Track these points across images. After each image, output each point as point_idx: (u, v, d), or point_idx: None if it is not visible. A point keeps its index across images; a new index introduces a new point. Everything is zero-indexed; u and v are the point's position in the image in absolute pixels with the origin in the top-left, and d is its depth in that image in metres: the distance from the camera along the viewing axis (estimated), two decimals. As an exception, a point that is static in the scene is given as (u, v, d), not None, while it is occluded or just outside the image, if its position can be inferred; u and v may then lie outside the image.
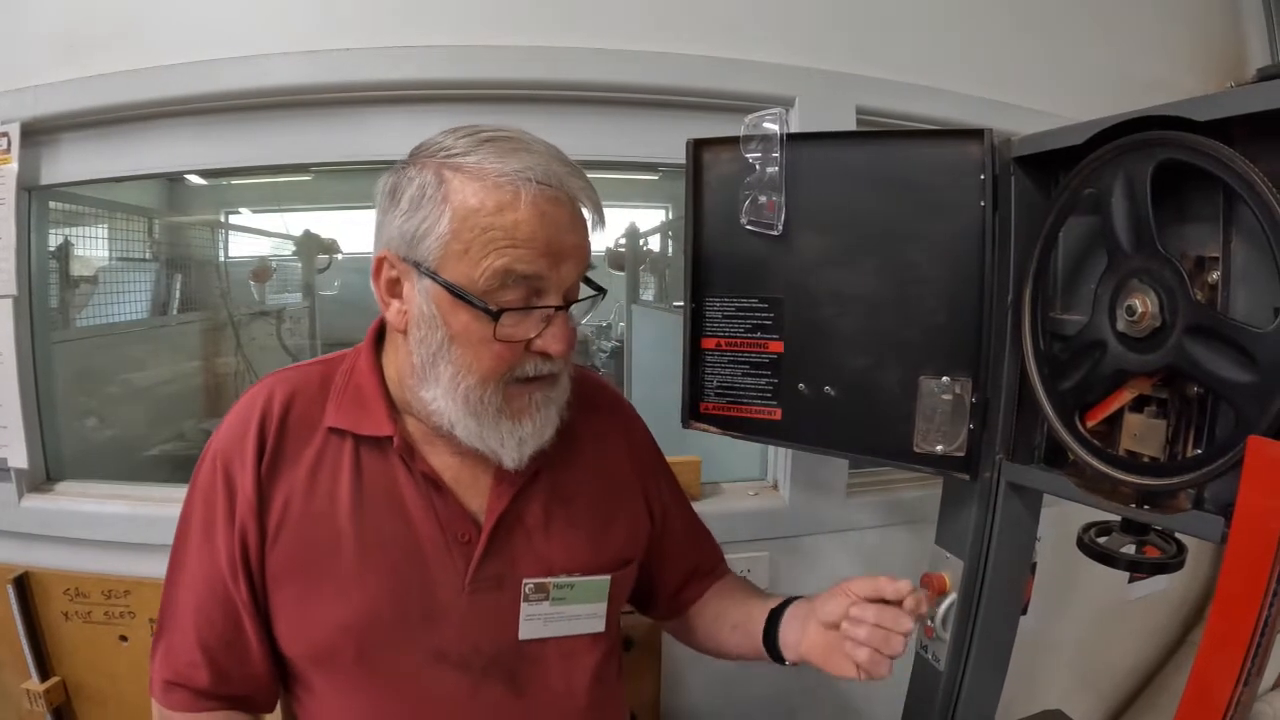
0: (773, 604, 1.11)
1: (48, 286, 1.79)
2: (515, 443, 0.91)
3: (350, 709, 0.94)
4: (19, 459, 1.59)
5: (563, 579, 0.98)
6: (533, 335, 0.87)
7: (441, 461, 0.97)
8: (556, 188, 0.85)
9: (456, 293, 0.85)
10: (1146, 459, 0.94)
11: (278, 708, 1.04)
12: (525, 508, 0.99)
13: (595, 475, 1.07)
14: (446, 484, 0.96)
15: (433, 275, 0.86)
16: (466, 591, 0.94)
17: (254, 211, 3.24)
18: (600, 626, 1.02)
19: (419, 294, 0.88)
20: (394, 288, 0.91)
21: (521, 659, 0.97)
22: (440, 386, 0.89)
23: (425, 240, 0.86)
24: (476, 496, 0.97)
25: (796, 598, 1.10)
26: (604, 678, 1.06)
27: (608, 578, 1.02)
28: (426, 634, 0.93)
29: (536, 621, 0.97)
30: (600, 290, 0.97)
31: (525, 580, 0.96)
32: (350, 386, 0.98)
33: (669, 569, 1.20)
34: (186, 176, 2.51)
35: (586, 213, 0.90)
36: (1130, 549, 1.08)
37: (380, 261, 0.90)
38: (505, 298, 0.85)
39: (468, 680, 0.94)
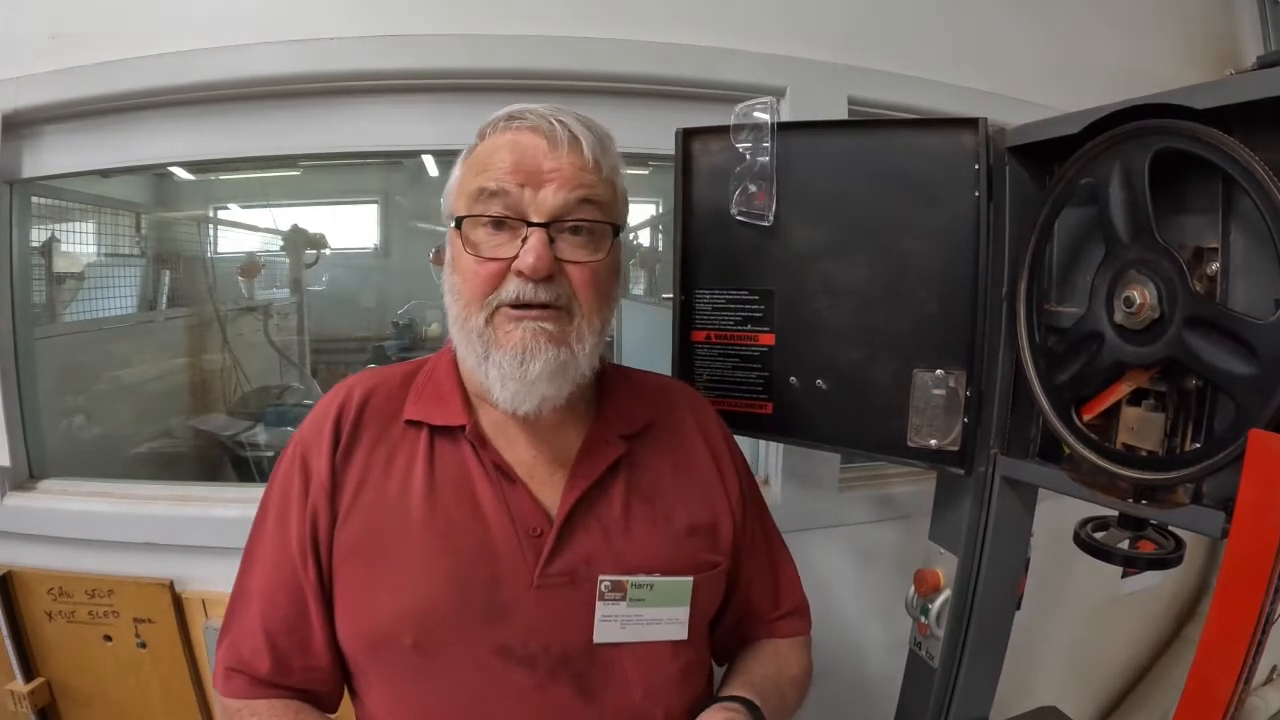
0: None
1: (29, 282, 1.76)
2: (498, 375, 0.89)
3: (408, 705, 0.92)
4: (1, 456, 1.57)
5: (641, 578, 0.94)
6: (511, 256, 0.88)
7: (516, 455, 0.96)
8: (536, 119, 0.90)
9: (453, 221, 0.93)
10: (1144, 453, 0.93)
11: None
12: (601, 503, 0.96)
13: (676, 474, 1.03)
14: (520, 477, 0.94)
15: (449, 219, 0.95)
16: (535, 587, 0.90)
17: (242, 207, 3.23)
18: (682, 634, 0.97)
19: (448, 244, 0.97)
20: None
21: (593, 663, 0.93)
22: (453, 326, 0.94)
23: (448, 197, 0.97)
24: (551, 491, 0.95)
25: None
26: (686, 694, 0.99)
27: (690, 579, 0.97)
28: (490, 627, 0.90)
29: (613, 624, 0.93)
30: (608, 223, 0.93)
31: (601, 577, 0.92)
32: (430, 382, 1.00)
33: (741, 591, 1.10)
34: (174, 171, 2.50)
35: (586, 144, 0.90)
36: (1125, 544, 1.07)
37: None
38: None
39: (533, 679, 0.90)
